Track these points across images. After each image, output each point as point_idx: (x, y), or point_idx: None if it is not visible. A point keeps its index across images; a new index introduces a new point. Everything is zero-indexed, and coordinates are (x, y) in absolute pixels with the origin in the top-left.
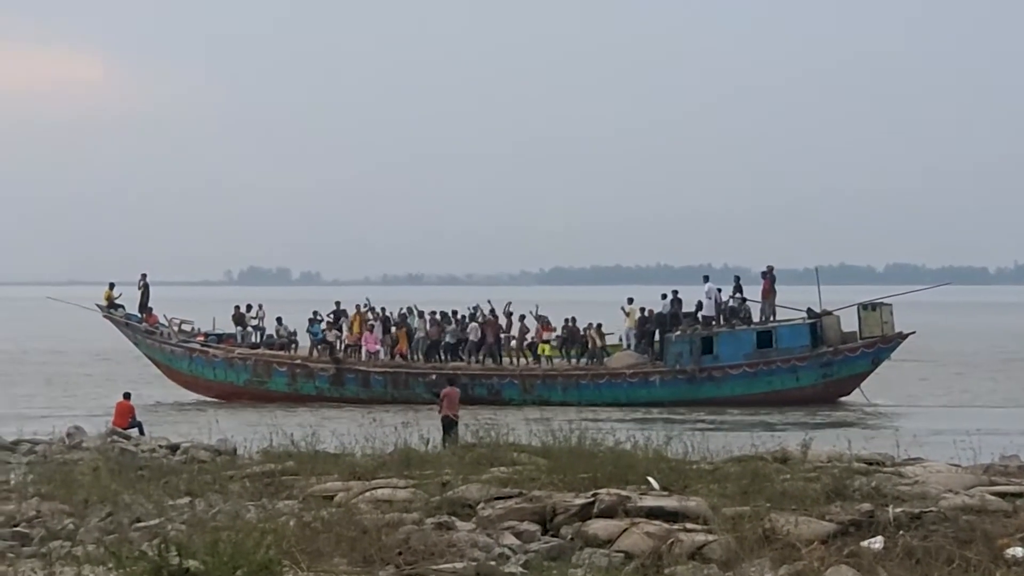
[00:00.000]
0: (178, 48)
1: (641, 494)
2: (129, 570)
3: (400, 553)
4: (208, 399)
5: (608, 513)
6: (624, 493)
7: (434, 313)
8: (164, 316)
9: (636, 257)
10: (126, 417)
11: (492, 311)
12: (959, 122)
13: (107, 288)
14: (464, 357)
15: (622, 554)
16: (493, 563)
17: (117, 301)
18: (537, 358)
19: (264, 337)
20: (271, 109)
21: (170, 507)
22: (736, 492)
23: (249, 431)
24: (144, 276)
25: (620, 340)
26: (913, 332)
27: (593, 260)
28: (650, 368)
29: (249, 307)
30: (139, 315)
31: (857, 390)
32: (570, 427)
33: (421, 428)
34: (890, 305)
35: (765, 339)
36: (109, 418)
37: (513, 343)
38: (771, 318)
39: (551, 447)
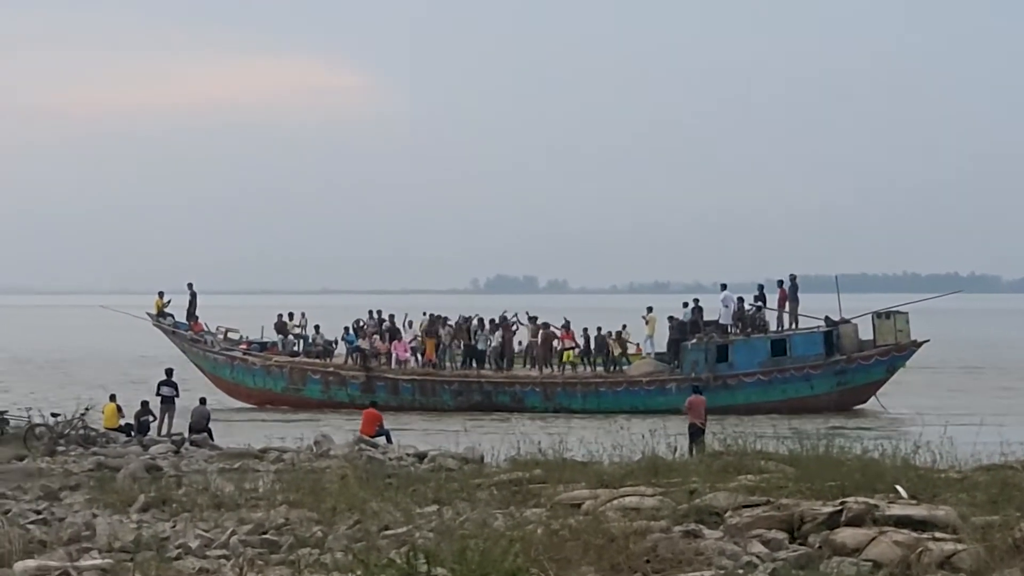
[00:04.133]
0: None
1: (889, 502)
2: None
3: (648, 561)
4: (248, 406)
5: (856, 522)
6: (872, 501)
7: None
8: (206, 324)
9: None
10: (373, 425)
11: (522, 319)
12: None
13: (157, 297)
14: (491, 364)
15: (870, 563)
16: (741, 571)
17: (166, 310)
18: (561, 365)
19: (305, 346)
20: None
21: (418, 515)
22: (985, 501)
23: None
24: (191, 285)
25: (640, 348)
26: (927, 340)
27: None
28: (667, 376)
29: (292, 315)
30: (186, 323)
31: (873, 399)
32: (817, 435)
33: (668, 436)
34: (905, 313)
35: (779, 347)
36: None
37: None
38: (793, 326)
39: (798, 455)
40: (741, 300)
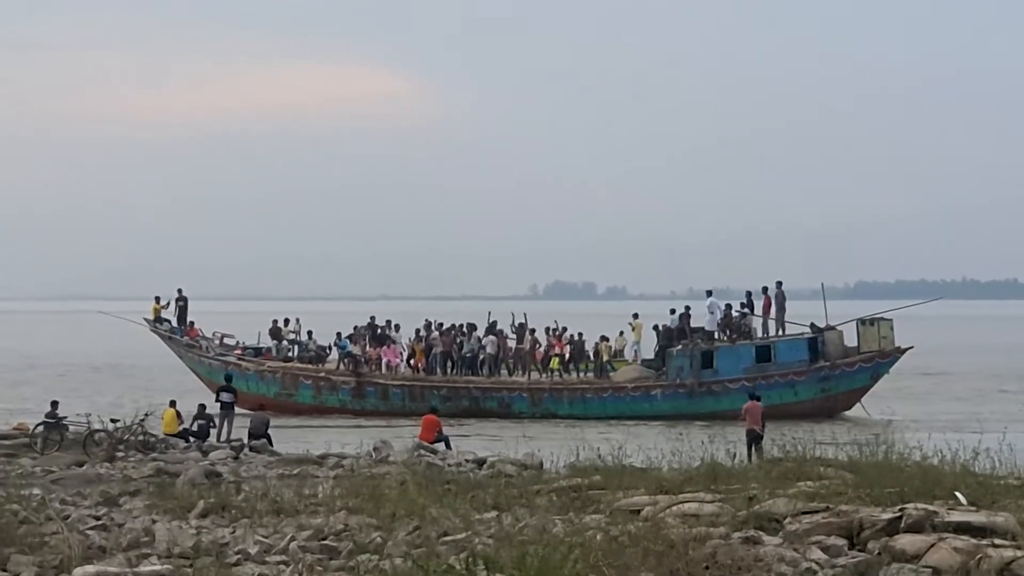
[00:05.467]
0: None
1: (949, 509)
2: None
3: (707, 568)
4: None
5: (915, 528)
6: (932, 508)
7: (453, 326)
8: (201, 330)
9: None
10: (432, 431)
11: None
12: None
13: (154, 302)
14: (480, 370)
15: (929, 569)
16: None
17: (163, 315)
18: (549, 371)
19: (298, 351)
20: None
21: (477, 521)
22: None
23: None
24: (180, 291)
25: (626, 353)
26: (911, 347)
27: (898, 274)
28: (652, 382)
29: (287, 321)
30: (181, 328)
31: (858, 405)
32: (875, 441)
33: (728, 442)
34: (890, 320)
35: (764, 354)
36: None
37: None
38: (780, 332)
39: (857, 461)
40: (729, 307)
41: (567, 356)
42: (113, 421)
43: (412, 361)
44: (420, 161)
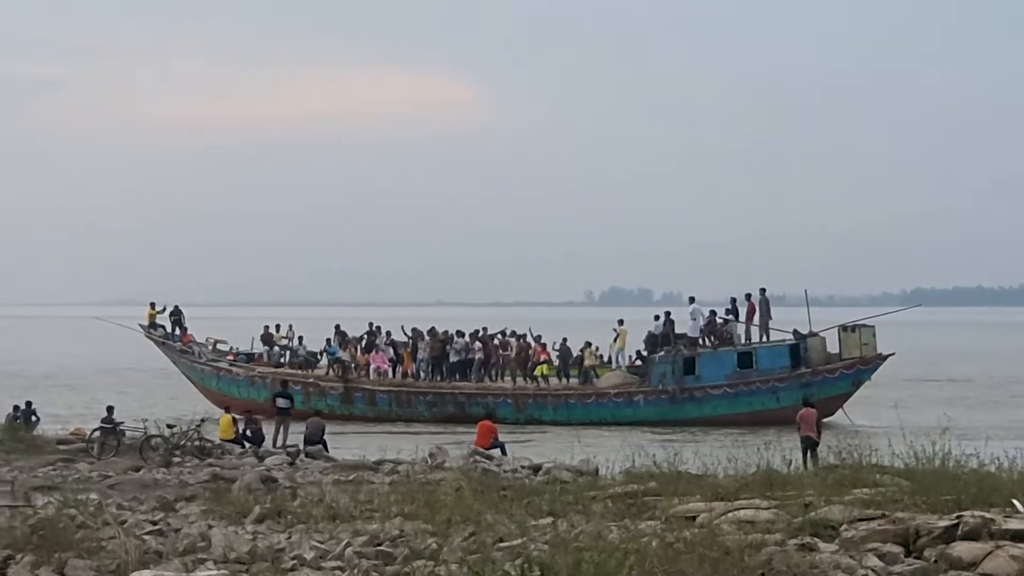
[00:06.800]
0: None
1: (1006, 516)
2: None
3: (763, 574)
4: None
5: (972, 536)
6: (989, 515)
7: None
8: (193, 335)
9: (999, 278)
10: (488, 437)
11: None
12: None
13: (149, 308)
14: (470, 376)
15: None
16: None
17: (158, 321)
18: (534, 378)
19: (290, 357)
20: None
21: (532, 527)
22: None
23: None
24: (177, 307)
25: (609, 360)
26: (892, 353)
27: (955, 281)
28: (635, 388)
29: (278, 327)
30: (176, 334)
31: (840, 411)
32: (933, 448)
33: (784, 449)
34: (871, 327)
35: (746, 360)
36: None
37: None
38: (764, 339)
39: (914, 468)
40: (713, 313)
41: (555, 362)
42: (169, 427)
43: (400, 367)
44: (478, 168)
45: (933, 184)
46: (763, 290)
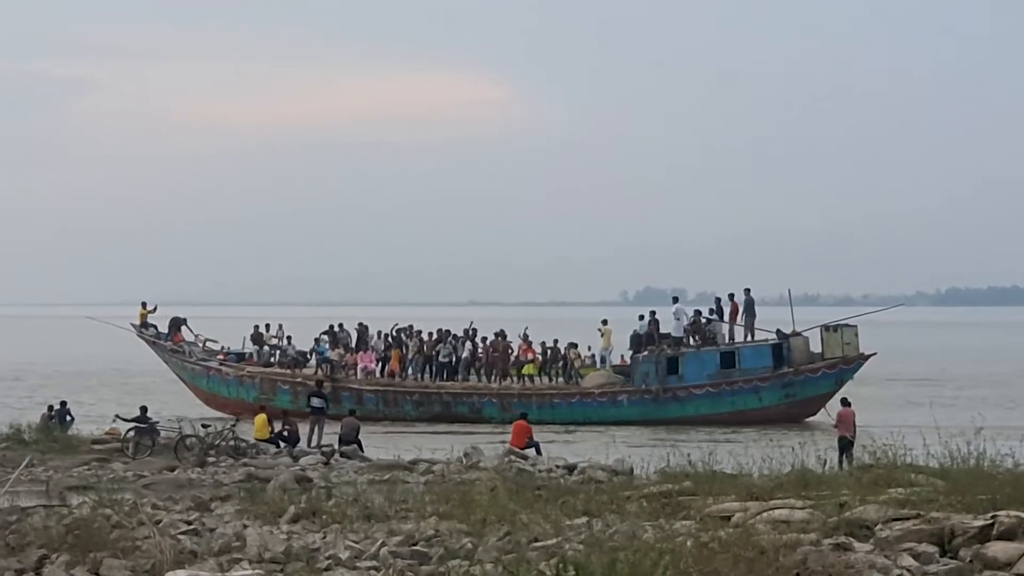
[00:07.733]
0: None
1: None
2: None
3: (798, 574)
4: (224, 415)
5: (1008, 535)
6: None
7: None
8: (184, 335)
9: None
10: (523, 437)
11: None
12: None
13: (141, 307)
14: (459, 375)
15: None
16: None
17: (150, 320)
18: (519, 377)
19: (280, 356)
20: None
21: (567, 527)
22: None
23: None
24: (177, 318)
25: (595, 360)
26: (875, 353)
27: (990, 280)
28: (618, 388)
29: (268, 326)
30: (167, 334)
31: (822, 411)
32: (968, 448)
33: (818, 449)
34: (854, 327)
35: (728, 360)
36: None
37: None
38: (748, 338)
39: (949, 468)
40: (698, 312)
41: (539, 362)
42: (204, 426)
43: (387, 367)
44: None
45: (969, 183)
46: (747, 290)
